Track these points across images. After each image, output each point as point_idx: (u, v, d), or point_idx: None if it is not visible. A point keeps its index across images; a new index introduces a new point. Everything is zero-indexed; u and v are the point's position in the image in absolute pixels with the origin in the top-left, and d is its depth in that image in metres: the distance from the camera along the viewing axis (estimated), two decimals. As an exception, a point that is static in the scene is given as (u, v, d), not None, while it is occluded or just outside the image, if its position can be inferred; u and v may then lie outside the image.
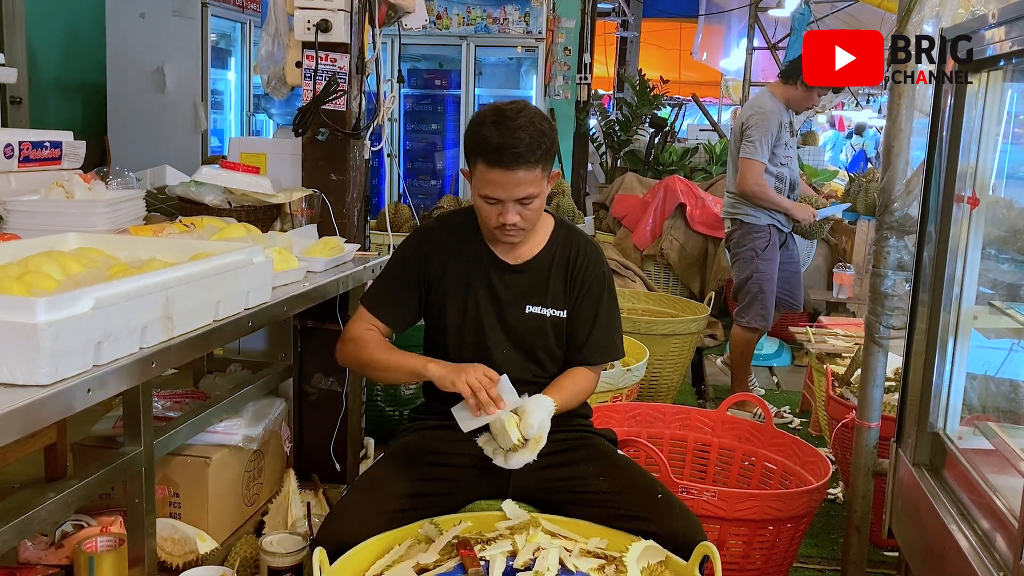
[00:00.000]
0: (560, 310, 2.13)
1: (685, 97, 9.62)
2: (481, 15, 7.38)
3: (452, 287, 2.11)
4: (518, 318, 2.11)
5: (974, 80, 2.13)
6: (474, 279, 2.10)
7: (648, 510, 1.99)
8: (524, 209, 1.98)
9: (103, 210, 2.41)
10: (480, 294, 2.10)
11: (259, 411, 2.63)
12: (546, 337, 2.13)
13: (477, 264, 2.11)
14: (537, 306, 2.11)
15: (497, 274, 2.11)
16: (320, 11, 2.65)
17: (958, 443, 2.23)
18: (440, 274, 2.11)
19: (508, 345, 2.11)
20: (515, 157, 1.91)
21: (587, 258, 2.16)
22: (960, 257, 2.21)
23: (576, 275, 2.14)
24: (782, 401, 4.85)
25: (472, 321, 2.10)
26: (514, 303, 2.11)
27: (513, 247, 2.11)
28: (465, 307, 2.10)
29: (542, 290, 2.12)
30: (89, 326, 1.50)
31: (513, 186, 1.93)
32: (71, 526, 2.29)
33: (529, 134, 1.92)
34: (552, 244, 2.14)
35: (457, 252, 2.12)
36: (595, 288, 2.15)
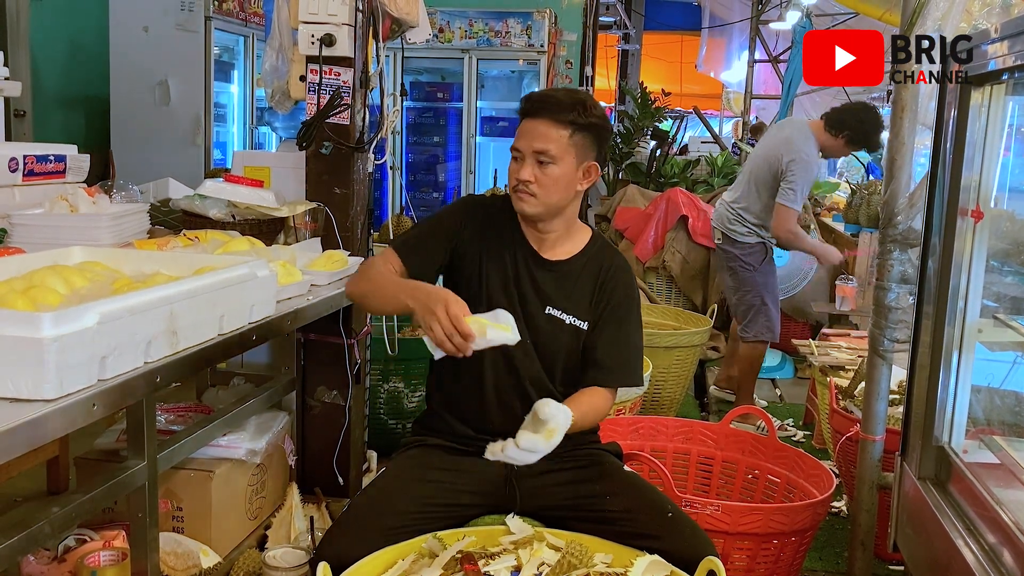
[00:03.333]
0: (581, 320, 2.08)
1: (686, 109, 9.66)
2: (483, 28, 7.41)
3: (484, 273, 2.06)
4: (537, 317, 2.06)
5: (977, 93, 2.13)
6: (506, 268, 2.07)
7: (658, 528, 1.97)
8: (540, 171, 1.96)
9: (107, 224, 2.41)
10: (507, 282, 2.06)
11: (262, 425, 2.63)
12: (560, 343, 2.07)
13: (511, 253, 2.08)
14: (558, 310, 2.07)
15: (526, 267, 2.07)
16: (324, 25, 2.65)
17: (963, 457, 2.23)
18: (473, 249, 2.07)
19: (529, 346, 2.04)
20: (543, 104, 1.95)
21: (618, 274, 2.12)
22: (964, 270, 2.21)
23: (604, 289, 2.09)
24: (785, 414, 4.84)
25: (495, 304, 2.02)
26: (536, 301, 2.07)
27: (545, 242, 2.07)
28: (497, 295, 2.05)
29: (566, 294, 2.07)
30: (94, 341, 1.50)
31: (533, 137, 1.95)
32: (74, 540, 2.29)
33: (569, 96, 1.96)
34: (586, 252, 2.11)
35: (496, 233, 2.08)
36: (623, 307, 2.10)
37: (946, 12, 2.50)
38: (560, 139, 1.95)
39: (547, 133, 1.95)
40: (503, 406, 2.08)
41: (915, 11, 2.48)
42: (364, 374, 3.01)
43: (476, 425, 2.10)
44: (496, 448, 1.84)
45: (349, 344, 2.80)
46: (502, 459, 1.83)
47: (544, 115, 1.95)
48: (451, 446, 2.10)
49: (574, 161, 1.98)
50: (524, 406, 2.04)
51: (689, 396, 5.12)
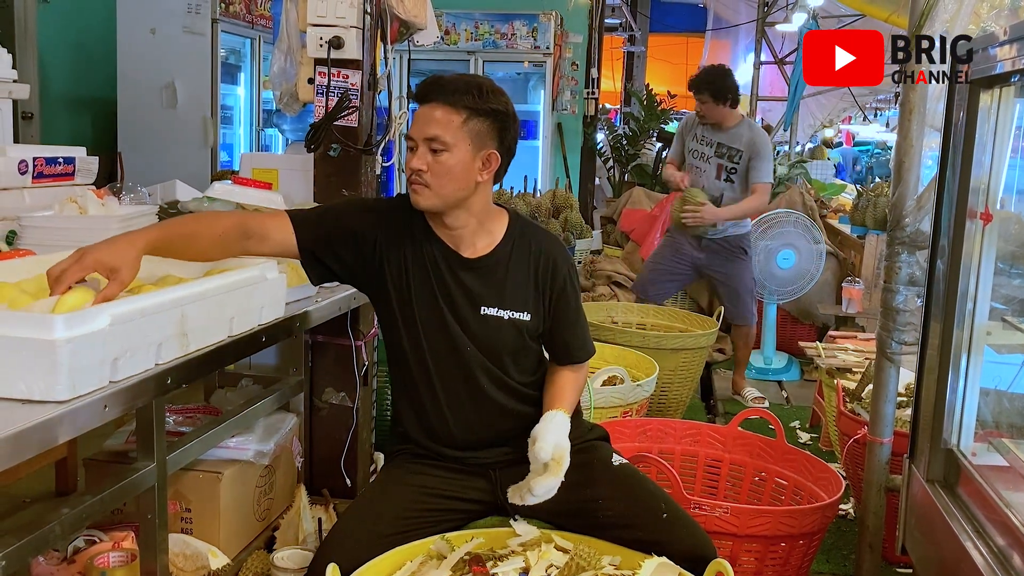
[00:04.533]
0: (521, 312, 2.01)
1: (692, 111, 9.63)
2: (489, 31, 7.42)
3: (408, 275, 1.98)
4: (474, 319, 1.99)
5: (986, 95, 2.13)
6: (427, 271, 1.98)
7: (655, 532, 1.96)
8: (433, 159, 1.87)
9: (117, 226, 2.42)
10: (434, 287, 1.98)
11: (270, 426, 2.63)
12: (502, 340, 2.01)
13: (429, 258, 1.98)
14: (493, 307, 1.99)
15: (448, 270, 1.98)
16: (333, 28, 2.66)
17: (972, 459, 2.23)
18: (384, 253, 1.98)
19: (471, 343, 2.00)
20: (435, 89, 1.87)
21: (554, 255, 2.05)
22: (973, 272, 2.21)
23: (545, 274, 2.02)
24: (791, 416, 4.83)
25: (434, 320, 1.99)
26: (468, 304, 1.99)
27: (461, 240, 1.98)
28: (425, 305, 1.99)
29: (499, 290, 2.00)
30: (106, 342, 1.51)
31: (424, 123, 1.87)
32: (83, 541, 2.29)
33: (464, 81, 1.89)
34: (507, 241, 2.02)
35: (410, 238, 1.99)
36: (569, 285, 2.06)
37: (954, 14, 2.49)
38: (452, 124, 1.86)
39: (439, 118, 1.86)
40: (463, 414, 2.05)
41: (923, 13, 2.47)
42: (372, 376, 3.02)
43: (443, 438, 2.07)
44: (517, 497, 1.90)
45: (357, 346, 2.80)
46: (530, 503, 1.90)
47: (436, 99, 1.87)
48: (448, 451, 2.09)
49: (470, 148, 1.89)
50: (483, 407, 2.04)
51: (695, 398, 5.12)
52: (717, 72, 4.69)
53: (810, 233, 5.45)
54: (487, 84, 1.92)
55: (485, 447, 2.08)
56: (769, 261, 5.45)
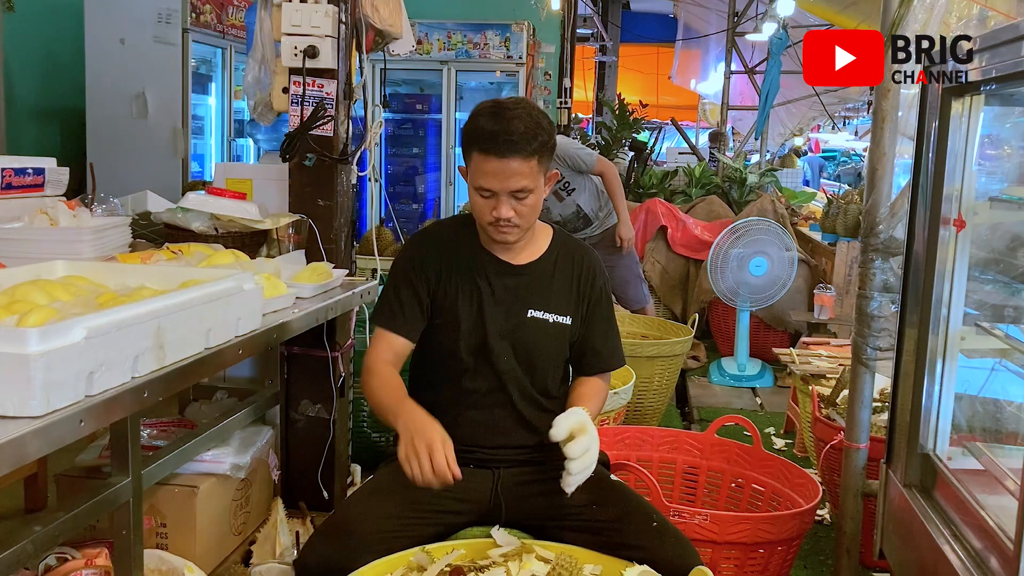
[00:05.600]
0: (564, 316, 2.10)
1: (663, 120, 9.71)
2: (462, 40, 7.43)
3: (455, 291, 2.06)
4: (520, 322, 2.07)
5: (957, 103, 2.16)
6: (476, 282, 2.06)
7: (644, 538, 1.97)
8: (519, 204, 1.94)
9: (89, 237, 2.38)
10: (483, 297, 2.06)
11: (246, 439, 2.60)
12: (548, 343, 2.09)
13: (478, 267, 2.07)
14: (540, 311, 2.08)
15: (498, 277, 2.07)
16: (307, 37, 2.65)
17: (948, 464, 2.24)
18: (442, 278, 2.07)
19: (509, 351, 2.06)
20: (509, 145, 1.88)
21: (593, 265, 2.16)
22: (947, 279, 2.23)
23: (585, 281, 2.13)
24: (766, 422, 4.86)
25: (476, 326, 2.06)
26: (516, 307, 2.07)
27: (511, 249, 2.07)
28: (468, 311, 2.06)
29: (545, 294, 2.09)
30: (82, 356, 1.48)
31: (507, 176, 1.90)
32: (55, 559, 2.23)
33: (525, 124, 1.90)
34: (553, 251, 2.12)
35: (456, 255, 2.08)
36: (604, 295, 2.17)
37: (924, 23, 2.53)
38: (531, 172, 1.93)
39: (519, 170, 1.91)
40: (483, 413, 2.09)
41: (894, 23, 2.51)
42: (348, 387, 2.99)
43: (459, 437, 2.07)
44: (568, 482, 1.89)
45: (333, 357, 2.78)
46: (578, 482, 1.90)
47: (510, 154, 1.90)
48: None
49: (543, 180, 1.99)
50: (507, 418, 2.10)
51: (671, 406, 5.14)
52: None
53: (781, 240, 5.49)
54: (542, 118, 1.97)
55: (495, 448, 2.11)
56: (742, 268, 5.49)
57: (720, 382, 5.67)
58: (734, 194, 7.54)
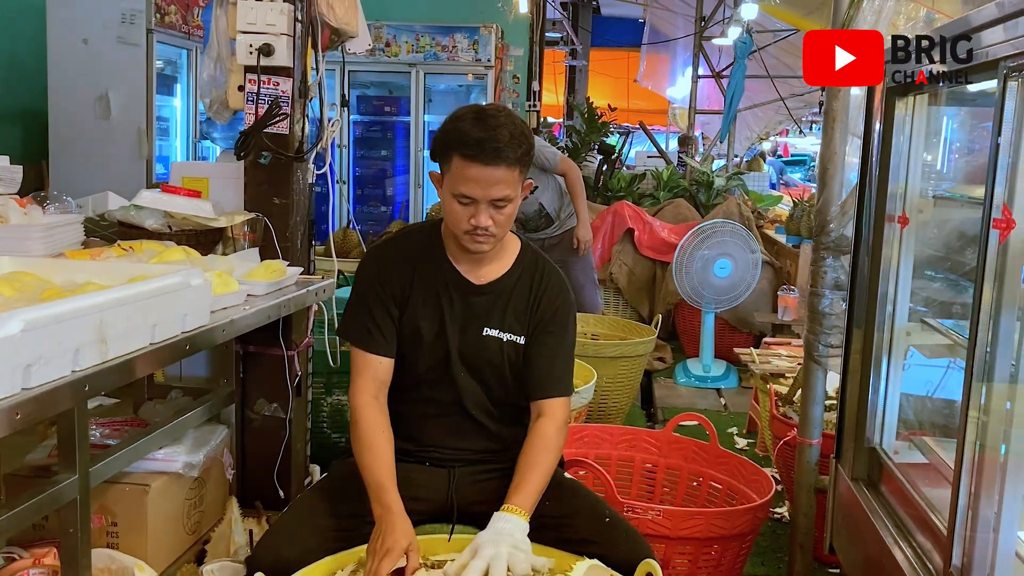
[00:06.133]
0: (518, 335, 2.07)
1: (633, 124, 9.75)
2: (430, 43, 7.43)
3: (418, 306, 2.05)
4: (475, 340, 2.06)
5: (901, 103, 2.20)
6: (438, 299, 2.05)
7: (596, 533, 1.98)
8: (497, 213, 1.93)
9: (39, 235, 2.37)
10: (444, 314, 2.05)
11: (200, 438, 2.58)
12: (502, 361, 2.07)
13: (440, 283, 2.06)
14: (495, 329, 2.06)
15: (459, 294, 2.06)
16: (263, 35, 2.64)
17: (895, 458, 2.28)
18: (407, 294, 2.05)
19: (464, 370, 2.07)
20: (495, 152, 1.86)
21: (551, 285, 2.10)
22: (892, 275, 2.27)
23: (539, 301, 2.08)
24: (729, 422, 4.90)
25: (437, 341, 2.05)
26: (473, 325, 2.06)
27: (477, 266, 2.05)
28: (431, 327, 2.05)
29: (500, 313, 2.07)
30: (18, 348, 1.47)
31: (490, 184, 1.88)
32: (2, 559, 2.22)
33: (510, 131, 1.88)
34: (517, 267, 2.10)
35: (418, 270, 2.06)
36: (558, 320, 2.09)
37: (872, 25, 2.57)
38: (513, 181, 1.92)
39: (504, 179, 1.89)
40: (441, 420, 2.11)
41: (844, 23, 2.55)
42: (306, 387, 2.98)
43: (415, 438, 2.12)
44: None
45: (289, 356, 2.77)
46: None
47: (496, 161, 1.87)
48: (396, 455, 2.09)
49: (520, 189, 1.98)
50: (460, 422, 2.11)
51: (636, 406, 5.17)
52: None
53: (746, 243, 5.55)
54: (523, 126, 1.95)
55: (452, 449, 2.12)
56: (706, 270, 5.53)
57: (685, 383, 5.71)
58: (701, 197, 7.61)
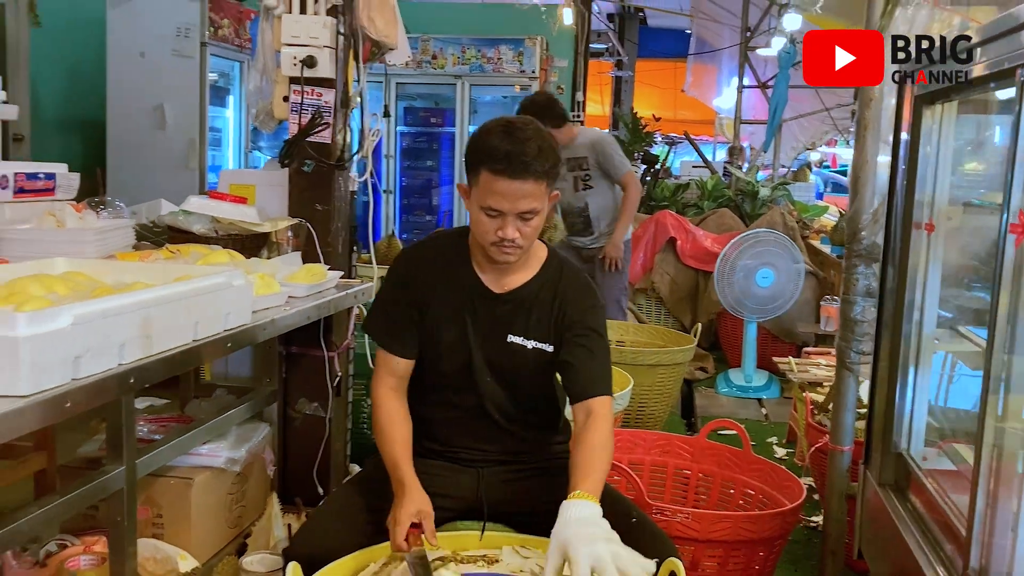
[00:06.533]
0: (544, 343, 2.09)
1: (679, 135, 9.76)
2: (476, 55, 7.55)
3: (440, 311, 2.09)
4: (500, 348, 2.09)
5: (929, 111, 2.21)
6: (460, 306, 2.09)
7: (622, 534, 1.98)
8: (524, 225, 1.95)
9: (92, 238, 2.48)
10: (466, 321, 2.09)
11: (243, 435, 2.68)
12: (529, 368, 2.10)
13: (463, 291, 2.09)
14: (519, 336, 2.09)
15: (482, 302, 2.09)
16: (306, 48, 2.74)
17: (923, 464, 2.28)
18: (428, 298, 2.10)
19: (490, 374, 2.11)
20: (523, 166, 1.88)
21: (573, 291, 2.11)
22: (920, 282, 2.27)
23: (563, 310, 2.09)
24: (769, 432, 4.89)
25: (459, 347, 2.09)
26: (496, 332, 2.09)
27: (501, 275, 2.08)
28: (452, 333, 2.09)
29: (524, 321, 2.08)
30: (68, 341, 1.57)
31: (517, 198, 1.90)
32: (55, 546, 2.34)
33: (538, 145, 1.91)
34: (541, 275, 2.11)
35: (444, 276, 2.10)
36: (588, 322, 2.09)
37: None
38: (540, 193, 1.94)
39: (530, 191, 1.91)
40: (467, 424, 2.15)
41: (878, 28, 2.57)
42: (346, 388, 3.07)
43: (443, 441, 2.17)
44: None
45: (329, 357, 2.86)
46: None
47: (524, 175, 1.89)
48: (424, 453, 2.16)
49: (548, 201, 2.00)
50: (486, 426, 2.14)
51: (675, 416, 5.17)
52: (532, 102, 4.89)
53: (789, 253, 5.53)
54: (550, 140, 1.98)
55: (478, 450, 2.17)
56: (748, 280, 5.52)
57: (727, 393, 5.70)
58: (746, 207, 7.58)
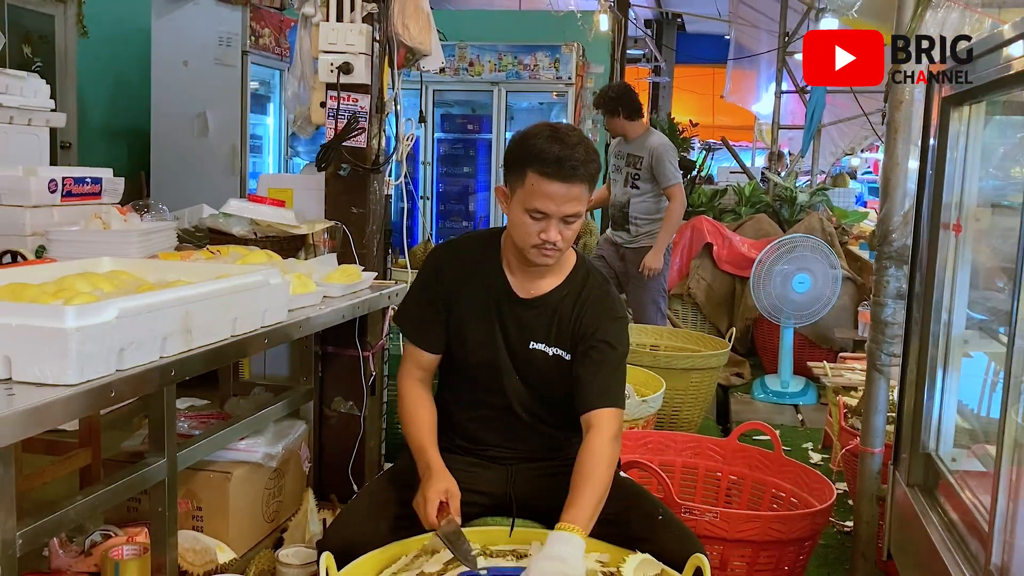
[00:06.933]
0: (564, 350, 2.12)
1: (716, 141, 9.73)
2: (512, 62, 7.60)
3: (468, 310, 2.14)
4: (523, 353, 2.13)
5: (956, 112, 2.22)
6: (487, 307, 2.13)
7: (648, 531, 2.03)
8: (566, 228, 1.99)
9: (136, 239, 2.58)
10: (493, 322, 2.13)
11: (280, 431, 2.75)
12: (551, 374, 2.13)
13: (490, 292, 2.13)
14: (541, 343, 2.12)
15: (508, 307, 2.12)
16: (343, 55, 2.82)
17: (951, 465, 2.28)
18: (456, 295, 2.14)
19: (515, 376, 2.15)
20: (572, 170, 1.92)
21: (594, 300, 2.13)
22: (948, 283, 2.28)
23: (580, 317, 2.11)
24: (805, 438, 4.87)
25: (485, 347, 2.14)
26: (521, 337, 2.13)
27: (530, 279, 2.12)
28: (479, 333, 2.14)
29: (546, 327, 2.12)
30: (113, 334, 1.65)
31: (564, 200, 1.94)
32: (99, 536, 2.43)
33: (585, 150, 1.95)
34: (568, 283, 2.14)
35: (473, 276, 2.14)
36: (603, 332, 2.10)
37: (936, 37, 2.59)
38: (584, 197, 1.98)
39: (578, 196, 1.95)
40: (494, 422, 2.20)
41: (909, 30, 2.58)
42: (381, 387, 3.13)
43: (472, 438, 2.22)
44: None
45: (364, 357, 2.92)
46: None
47: (573, 179, 1.93)
48: (454, 449, 2.21)
49: (586, 205, 2.03)
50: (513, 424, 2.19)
51: (710, 421, 5.16)
52: (610, 89, 5.11)
53: (827, 258, 5.50)
54: (592, 143, 2.03)
55: (506, 448, 2.22)
56: (785, 285, 5.51)
57: (763, 398, 5.68)
58: (784, 213, 7.54)
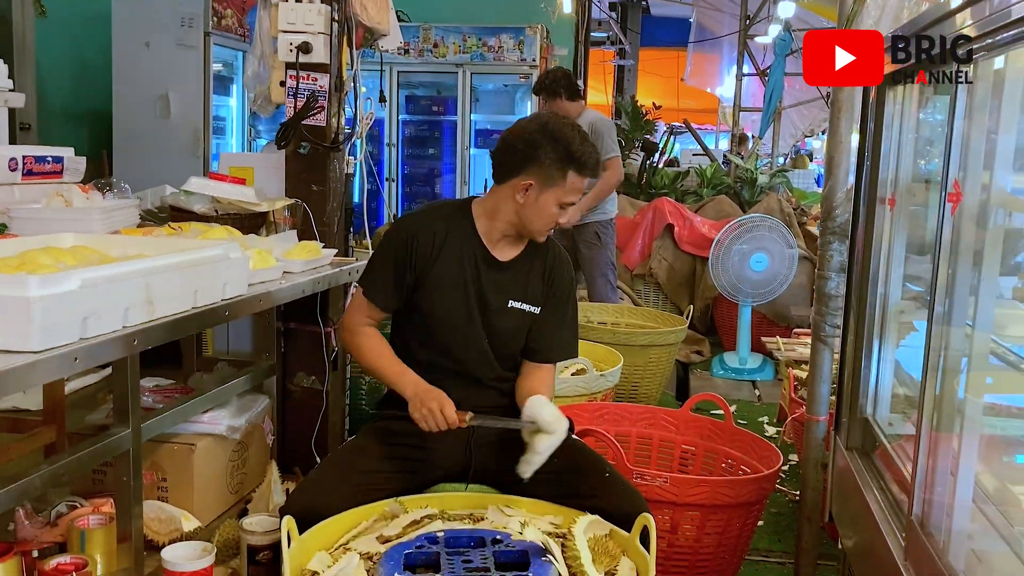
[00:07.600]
0: (535, 306, 2.30)
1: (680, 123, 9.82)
2: (476, 43, 7.63)
3: (443, 276, 2.24)
4: (501, 312, 2.27)
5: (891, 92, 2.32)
6: (464, 270, 2.25)
7: (596, 487, 2.15)
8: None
9: (98, 216, 2.61)
10: (468, 286, 2.24)
11: (243, 405, 2.81)
12: (518, 332, 2.30)
13: (467, 257, 2.25)
14: (519, 301, 2.28)
15: (486, 270, 2.26)
16: (302, 34, 2.87)
17: (887, 429, 2.40)
18: (429, 264, 2.24)
19: (484, 340, 2.26)
20: (596, 168, 2.25)
21: (561, 261, 2.36)
22: (884, 256, 2.38)
23: (552, 276, 2.32)
24: (761, 412, 5.00)
25: (458, 311, 2.25)
26: (499, 297, 2.27)
27: (504, 246, 2.28)
28: (453, 297, 2.24)
29: (523, 286, 2.29)
30: (76, 303, 1.70)
31: (579, 190, 2.23)
32: (65, 507, 2.47)
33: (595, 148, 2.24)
34: (531, 247, 2.32)
35: (449, 244, 2.25)
36: (566, 289, 2.36)
37: (877, 20, 2.69)
38: None
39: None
40: (459, 381, 2.28)
41: (848, 19, 2.67)
42: (343, 362, 3.20)
43: None
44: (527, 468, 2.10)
45: (326, 332, 2.99)
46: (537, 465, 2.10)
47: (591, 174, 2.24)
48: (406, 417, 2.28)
49: None
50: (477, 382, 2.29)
51: (669, 396, 5.28)
52: (548, 73, 5.19)
53: (784, 238, 5.63)
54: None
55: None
56: (743, 264, 5.64)
57: (722, 375, 5.81)
58: (745, 194, 7.66)
